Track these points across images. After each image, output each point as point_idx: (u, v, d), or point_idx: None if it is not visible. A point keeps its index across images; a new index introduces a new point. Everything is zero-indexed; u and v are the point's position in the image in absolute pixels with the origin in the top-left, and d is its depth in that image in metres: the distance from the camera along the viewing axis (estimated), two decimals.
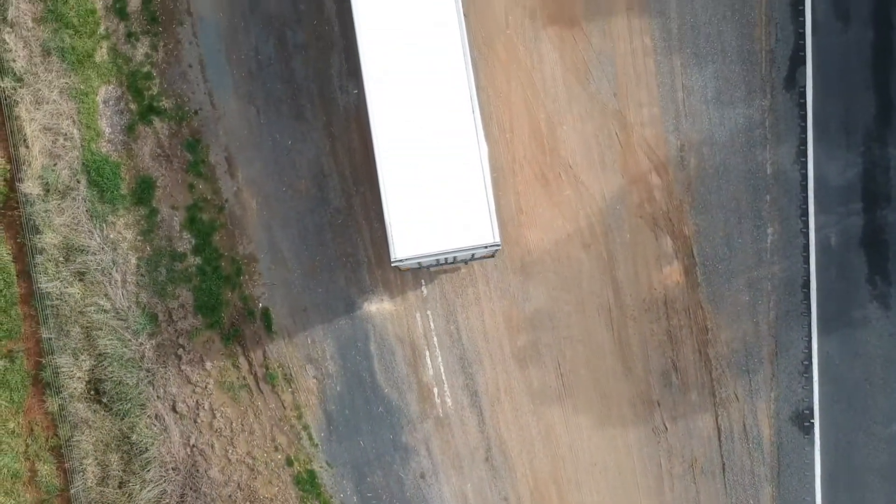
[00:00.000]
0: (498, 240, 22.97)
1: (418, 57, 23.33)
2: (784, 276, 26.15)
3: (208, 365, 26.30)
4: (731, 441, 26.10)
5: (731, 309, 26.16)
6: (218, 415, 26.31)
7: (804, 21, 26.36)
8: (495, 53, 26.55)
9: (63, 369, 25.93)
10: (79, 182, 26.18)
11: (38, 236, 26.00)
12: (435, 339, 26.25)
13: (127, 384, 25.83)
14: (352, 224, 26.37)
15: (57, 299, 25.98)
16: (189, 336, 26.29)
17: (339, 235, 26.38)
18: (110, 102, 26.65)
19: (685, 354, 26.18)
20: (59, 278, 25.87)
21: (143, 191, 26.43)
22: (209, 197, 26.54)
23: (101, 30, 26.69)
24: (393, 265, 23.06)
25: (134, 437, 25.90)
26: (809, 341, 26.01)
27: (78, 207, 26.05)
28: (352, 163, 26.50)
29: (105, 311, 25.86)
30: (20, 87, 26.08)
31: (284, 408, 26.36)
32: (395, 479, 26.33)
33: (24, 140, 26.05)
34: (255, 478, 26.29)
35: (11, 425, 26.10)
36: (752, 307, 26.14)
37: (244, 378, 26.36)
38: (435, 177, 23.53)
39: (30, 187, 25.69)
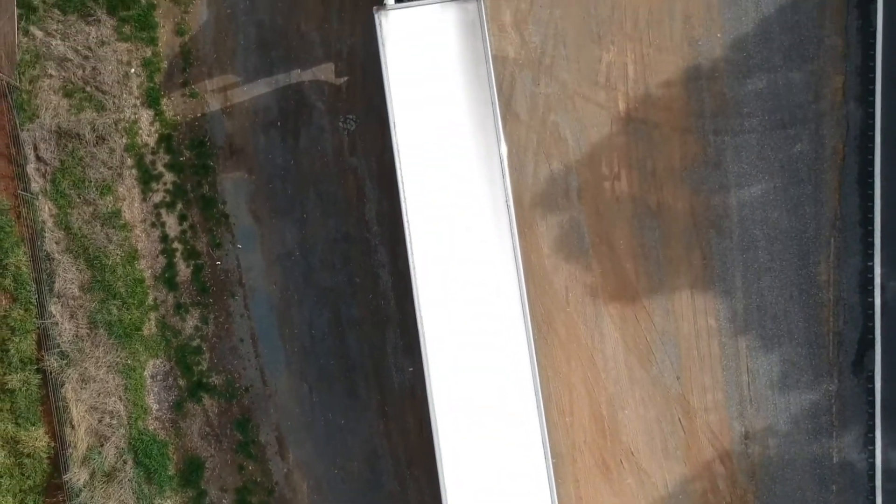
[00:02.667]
0: None
1: (482, 351, 22.62)
2: None
3: None
4: None
5: None
6: None
7: (873, 303, 25.73)
8: (555, 332, 25.85)
9: None
10: (125, 463, 25.36)
11: None
12: None
13: None
14: None
15: None
16: None
17: None
18: (158, 378, 25.90)
19: None
20: None
21: (192, 472, 25.61)
22: (259, 479, 25.72)
23: (150, 300, 25.99)
24: None
25: None
26: None
27: (124, 490, 25.21)
28: (406, 444, 25.72)
29: None
30: (67, 367, 25.30)
31: None
32: None
33: (70, 420, 25.24)
34: None
35: None
36: None
37: None
38: (496, 465, 22.85)
39: (76, 475, 24.86)
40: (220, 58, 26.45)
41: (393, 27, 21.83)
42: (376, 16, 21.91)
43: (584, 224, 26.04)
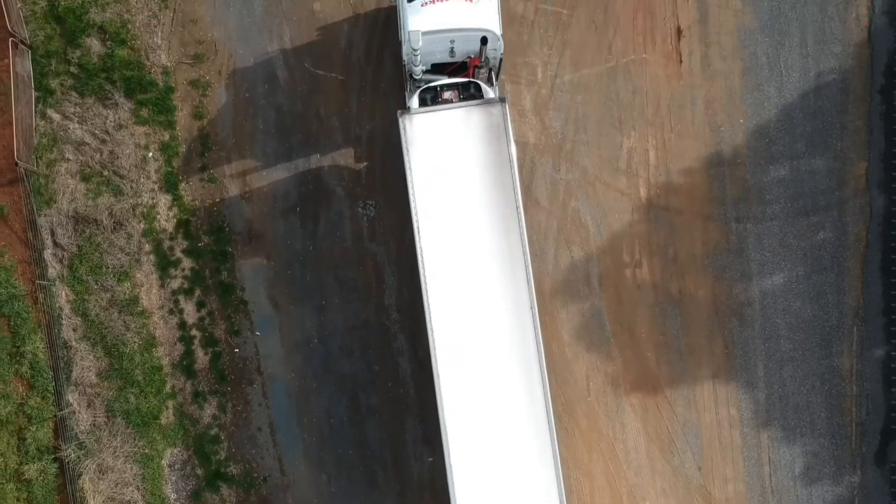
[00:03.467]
0: None
1: (503, 443, 22.26)
2: None
3: None
4: None
5: None
6: None
7: None
8: (576, 422, 25.65)
9: None
10: None
11: None
12: None
13: None
14: None
15: None
16: None
17: None
18: (176, 467, 25.68)
19: None
20: None
21: None
22: None
23: (168, 388, 25.79)
24: None
25: None
26: None
27: None
28: None
29: None
30: (85, 457, 25.09)
31: None
32: None
33: None
34: None
35: None
36: None
37: None
38: None
39: None
40: (238, 142, 26.27)
41: (417, 131, 21.64)
42: (401, 120, 21.72)
43: (606, 312, 25.84)
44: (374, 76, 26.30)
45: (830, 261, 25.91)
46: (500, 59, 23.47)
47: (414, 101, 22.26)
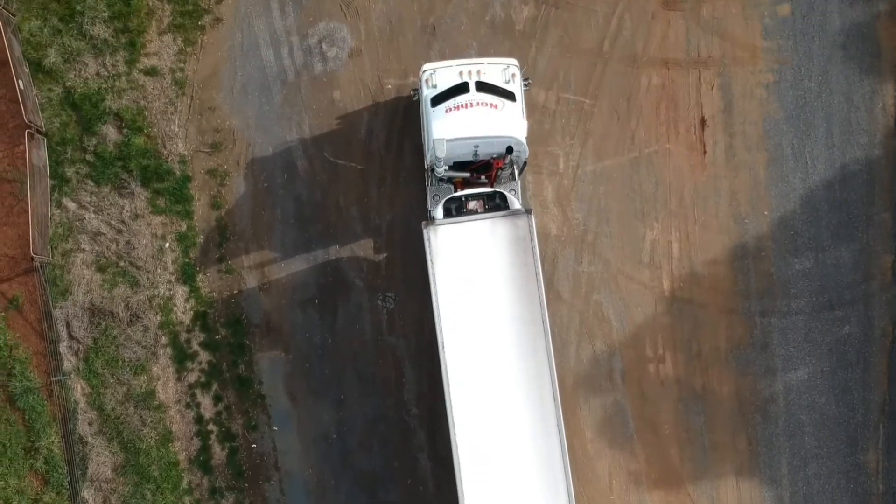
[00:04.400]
0: None
1: None
2: None
3: None
4: None
5: None
6: None
7: None
8: None
9: None
10: None
11: None
12: None
13: None
14: None
15: None
16: None
17: None
18: None
19: None
20: None
21: None
22: None
23: (184, 484, 25.44)
24: None
25: None
26: None
27: None
28: None
29: None
30: None
31: None
32: None
33: None
34: None
35: None
36: None
37: None
38: None
39: None
40: (257, 233, 25.94)
41: (442, 242, 21.31)
42: (425, 232, 21.39)
43: (629, 408, 25.51)
44: (395, 165, 25.98)
45: (856, 356, 25.58)
46: (525, 161, 23.17)
47: (438, 212, 21.93)
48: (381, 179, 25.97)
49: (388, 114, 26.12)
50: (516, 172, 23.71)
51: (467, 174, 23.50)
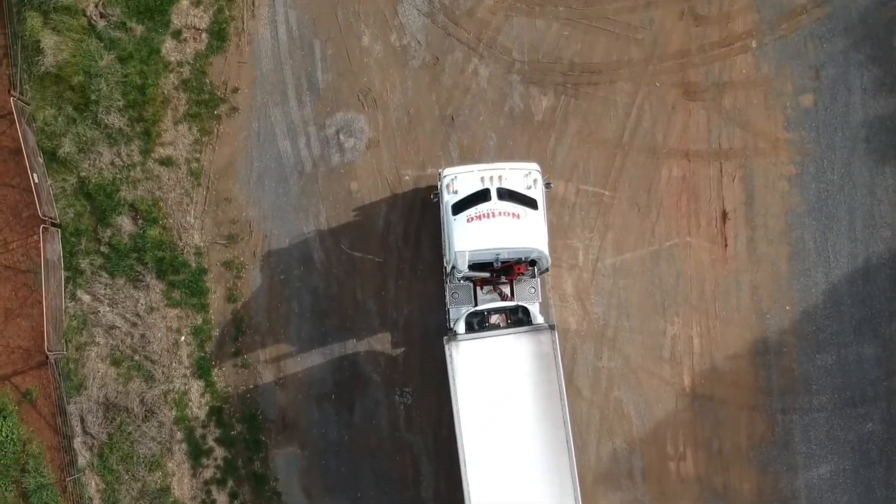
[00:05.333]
0: None
1: None
2: None
3: None
4: None
5: None
6: None
7: None
8: None
9: None
10: None
11: None
12: None
13: None
14: None
15: None
16: None
17: None
18: None
19: None
20: None
21: None
22: None
23: None
24: None
25: None
26: None
27: None
28: None
29: None
30: None
31: None
32: None
33: None
34: None
35: None
36: None
37: None
38: None
39: None
40: (273, 326, 25.66)
41: (464, 358, 21.03)
42: (447, 347, 21.11)
43: None
44: (412, 258, 25.72)
45: (878, 454, 25.28)
46: (547, 268, 22.91)
47: (460, 326, 21.63)
48: (399, 272, 25.70)
49: (406, 205, 25.84)
50: (536, 273, 23.45)
51: (487, 274, 23.22)
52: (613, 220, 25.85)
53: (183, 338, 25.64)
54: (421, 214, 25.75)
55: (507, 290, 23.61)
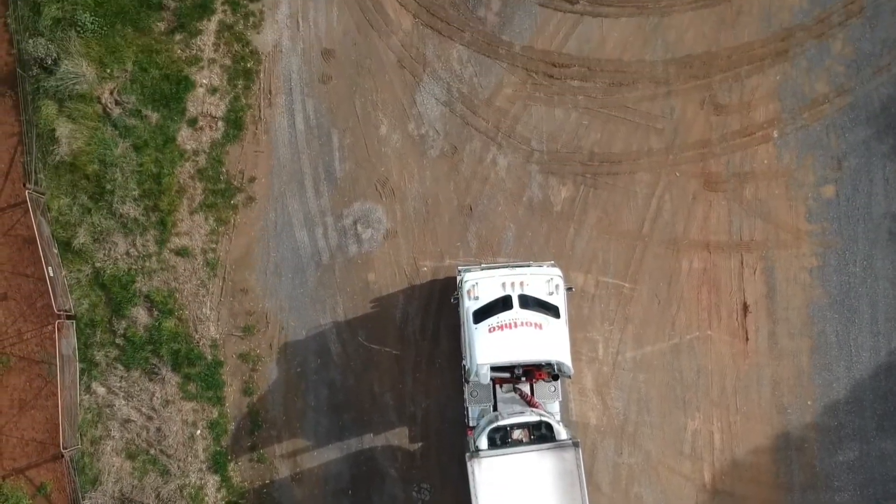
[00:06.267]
0: None
1: None
2: None
3: None
4: None
5: None
6: None
7: None
8: None
9: None
10: None
11: None
12: None
13: None
14: None
15: None
16: None
17: None
18: None
19: None
20: None
21: None
22: None
23: None
24: None
25: None
26: None
27: None
28: None
29: None
30: None
31: None
32: None
33: None
34: None
35: None
36: None
37: None
38: None
39: None
40: (289, 420, 25.43)
41: (487, 475, 20.75)
42: (469, 464, 20.84)
43: None
44: (430, 351, 25.48)
45: None
46: (570, 376, 22.65)
47: (482, 441, 21.36)
48: (417, 365, 25.47)
49: (424, 297, 25.62)
50: (558, 379, 23.23)
51: (507, 374, 22.96)
52: (633, 313, 25.60)
53: (199, 431, 25.40)
54: (439, 306, 25.52)
55: (527, 389, 23.36)
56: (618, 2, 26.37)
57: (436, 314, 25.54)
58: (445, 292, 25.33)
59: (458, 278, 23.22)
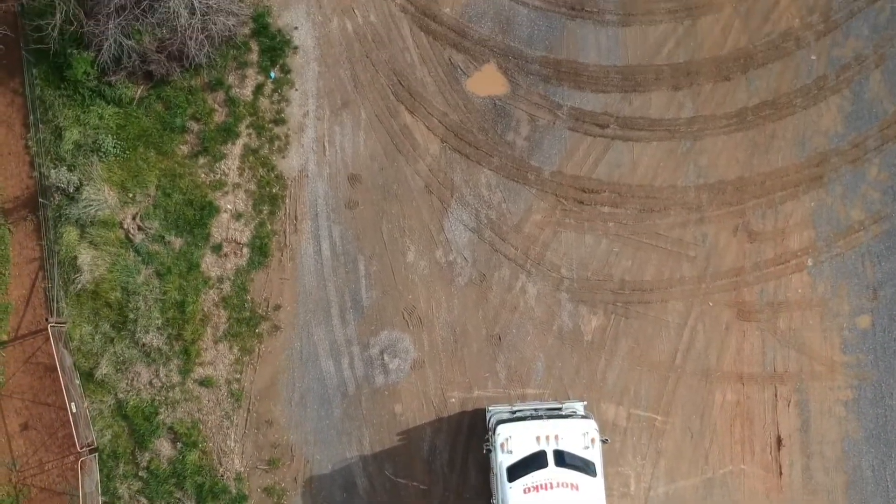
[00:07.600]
0: None
1: None
2: None
3: None
4: None
5: None
6: None
7: None
8: None
9: None
10: None
11: None
12: None
13: None
14: None
15: None
16: None
17: None
18: None
19: None
20: None
21: None
22: None
23: None
24: None
25: None
26: None
27: None
28: None
29: None
30: None
31: None
32: None
33: None
34: None
35: None
36: None
37: None
38: None
39: None
40: None
41: None
42: None
43: None
44: (458, 485, 25.04)
45: None
46: None
47: None
48: (444, 500, 25.04)
49: (452, 429, 25.17)
50: None
51: None
52: (666, 447, 25.15)
53: None
54: (468, 439, 25.07)
55: None
56: (649, 125, 25.92)
57: (464, 447, 25.09)
58: (474, 425, 24.91)
59: (488, 420, 22.76)
